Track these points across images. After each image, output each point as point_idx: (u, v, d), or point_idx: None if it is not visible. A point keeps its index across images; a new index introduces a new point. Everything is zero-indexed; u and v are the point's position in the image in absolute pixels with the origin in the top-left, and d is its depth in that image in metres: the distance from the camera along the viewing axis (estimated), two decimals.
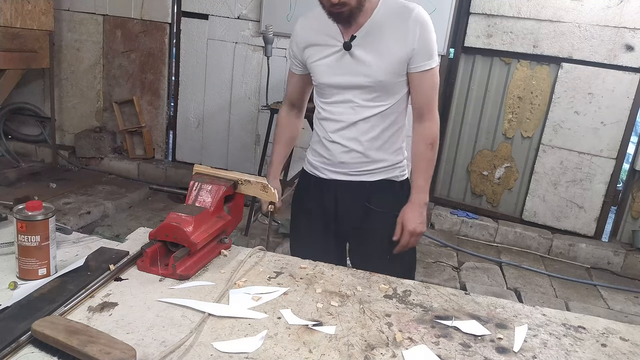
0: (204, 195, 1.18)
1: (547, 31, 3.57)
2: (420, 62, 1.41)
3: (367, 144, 1.49)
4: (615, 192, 3.72)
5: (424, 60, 1.41)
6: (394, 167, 1.55)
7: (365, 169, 1.52)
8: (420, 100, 1.47)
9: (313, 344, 0.88)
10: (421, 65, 1.41)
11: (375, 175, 1.53)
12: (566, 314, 1.09)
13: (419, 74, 1.43)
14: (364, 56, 1.41)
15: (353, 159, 1.51)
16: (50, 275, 1.02)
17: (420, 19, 1.39)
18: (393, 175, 1.56)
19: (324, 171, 1.57)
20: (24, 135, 4.59)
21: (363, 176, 1.53)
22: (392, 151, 1.54)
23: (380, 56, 1.40)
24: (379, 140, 1.50)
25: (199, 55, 4.24)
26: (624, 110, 3.52)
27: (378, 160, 1.52)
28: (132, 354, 0.76)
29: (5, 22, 3.62)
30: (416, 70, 1.42)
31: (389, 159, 1.53)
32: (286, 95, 1.68)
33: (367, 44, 1.41)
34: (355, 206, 1.55)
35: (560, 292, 3.14)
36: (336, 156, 1.53)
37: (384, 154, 1.52)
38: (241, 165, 4.25)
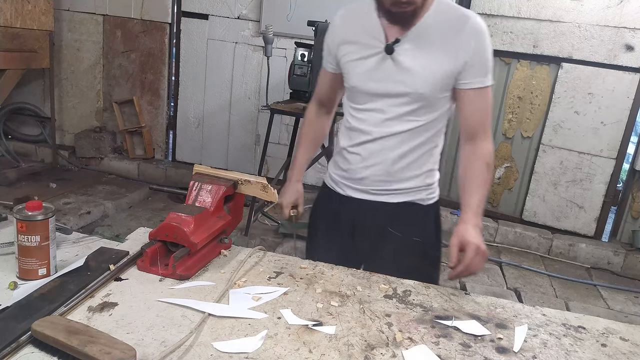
0: (204, 195, 1.18)
1: (547, 31, 3.57)
2: (474, 78, 1.24)
3: (393, 161, 1.33)
4: (615, 192, 3.72)
5: (478, 77, 1.24)
6: (420, 190, 1.38)
7: (388, 188, 1.36)
8: (472, 121, 1.29)
9: (313, 344, 0.88)
10: (474, 82, 1.25)
11: (398, 196, 1.37)
12: (566, 314, 1.09)
13: (471, 92, 1.26)
14: (407, 63, 1.25)
15: (375, 176, 1.36)
16: (50, 275, 1.02)
17: (477, 28, 1.22)
18: (418, 198, 1.38)
19: (343, 187, 1.42)
20: (24, 135, 4.59)
21: (384, 196, 1.37)
22: (421, 172, 1.37)
23: (426, 65, 1.24)
24: (407, 159, 1.33)
25: (199, 55, 4.24)
26: (624, 110, 3.52)
27: (403, 180, 1.35)
28: (132, 354, 0.76)
29: (5, 22, 3.62)
30: (468, 87, 1.25)
31: (416, 180, 1.36)
32: (315, 92, 1.54)
33: (412, 49, 1.24)
34: (373, 228, 1.40)
35: (560, 292, 3.14)
36: (357, 171, 1.37)
37: (411, 174, 1.35)
38: (241, 165, 4.25)
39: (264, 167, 3.89)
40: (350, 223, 1.43)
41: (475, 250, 1.15)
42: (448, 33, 1.23)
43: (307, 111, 1.56)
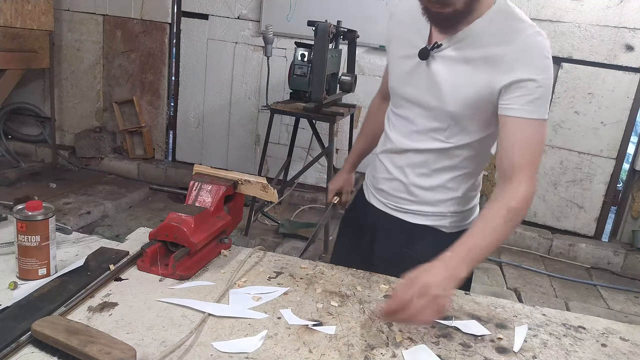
0: (204, 195, 1.18)
1: (547, 31, 3.53)
2: (520, 104, 1.04)
3: (414, 181, 1.22)
4: (615, 192, 3.72)
5: (525, 104, 1.03)
6: (445, 216, 1.24)
7: (407, 207, 1.26)
8: (509, 156, 1.06)
9: (313, 344, 0.88)
10: (520, 109, 1.04)
11: (417, 217, 1.25)
12: (566, 314, 1.09)
13: (513, 120, 1.05)
14: (440, 72, 1.12)
15: (394, 191, 1.27)
16: (50, 275, 1.02)
17: (531, 44, 1.03)
18: (440, 224, 1.25)
19: (369, 194, 1.36)
20: (24, 135, 4.59)
21: (403, 214, 1.27)
22: (448, 198, 1.22)
23: (459, 80, 1.09)
24: (431, 181, 1.21)
25: (199, 55, 4.24)
26: (624, 110, 3.52)
27: (425, 203, 1.23)
28: (132, 354, 0.76)
29: (5, 22, 3.62)
30: (510, 113, 1.05)
31: (441, 206, 1.23)
32: (381, 84, 1.45)
33: (450, 58, 1.10)
34: (390, 244, 1.29)
35: (560, 292, 3.14)
36: (379, 180, 1.30)
37: (436, 198, 1.22)
38: (241, 165, 4.25)
39: (264, 167, 3.89)
40: (371, 232, 1.35)
41: (420, 291, 0.88)
42: (496, 46, 1.05)
43: (371, 104, 1.53)
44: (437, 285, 0.90)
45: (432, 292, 0.88)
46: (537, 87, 1.03)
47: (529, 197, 1.05)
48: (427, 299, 0.88)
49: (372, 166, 1.38)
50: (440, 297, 0.89)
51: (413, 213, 1.26)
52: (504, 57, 1.04)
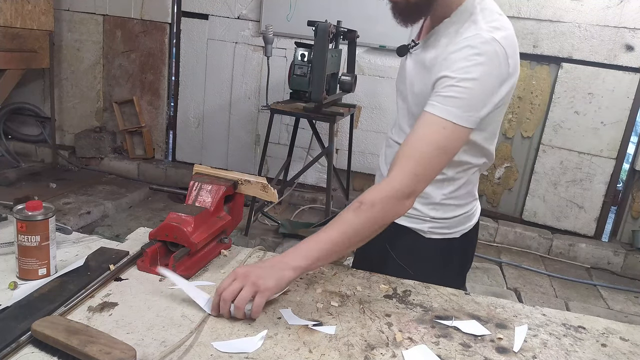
0: (204, 195, 1.18)
1: (547, 31, 3.57)
2: (433, 98, 1.01)
3: None
4: (615, 192, 3.72)
5: (437, 100, 1.00)
6: (423, 220, 1.21)
7: None
8: (402, 148, 1.02)
9: (313, 344, 0.88)
10: (430, 102, 1.01)
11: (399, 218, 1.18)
12: (566, 314, 1.09)
13: (422, 114, 1.02)
14: (410, 71, 1.13)
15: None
16: (50, 275, 1.02)
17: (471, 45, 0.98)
18: (418, 228, 1.22)
19: None
20: (24, 135, 4.59)
21: None
22: (424, 203, 1.19)
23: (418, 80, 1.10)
24: None
25: (199, 55, 4.24)
26: (624, 110, 3.52)
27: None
28: (132, 354, 0.76)
29: (5, 22, 3.62)
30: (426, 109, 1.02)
31: (420, 208, 1.20)
32: None
33: (417, 57, 1.12)
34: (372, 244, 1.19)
35: (560, 292, 3.14)
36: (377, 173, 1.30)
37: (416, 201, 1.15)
38: (241, 165, 4.25)
39: (264, 167, 3.89)
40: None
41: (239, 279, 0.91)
42: (445, 47, 1.04)
43: None
44: (256, 273, 0.92)
45: (250, 279, 0.91)
46: (450, 85, 0.99)
47: (393, 193, 0.99)
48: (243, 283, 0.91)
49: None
50: (260, 281, 0.91)
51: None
52: (440, 57, 1.03)
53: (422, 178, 1.00)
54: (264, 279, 0.92)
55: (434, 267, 1.24)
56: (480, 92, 0.99)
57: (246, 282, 0.91)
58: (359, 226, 0.98)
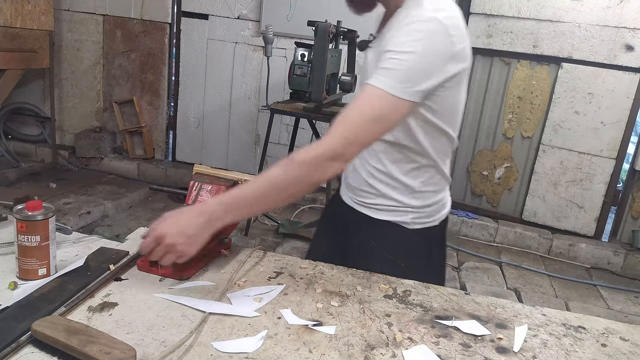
0: (204, 195, 1.18)
1: (547, 31, 3.57)
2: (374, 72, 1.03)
3: (374, 172, 1.22)
4: (615, 192, 3.72)
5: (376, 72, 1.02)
6: (404, 211, 1.22)
7: (369, 201, 1.24)
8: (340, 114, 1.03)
9: (313, 344, 0.88)
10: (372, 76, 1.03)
11: (379, 212, 1.24)
12: (566, 314, 1.09)
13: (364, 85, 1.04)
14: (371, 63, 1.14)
15: (358, 184, 1.26)
16: (50, 275, 1.02)
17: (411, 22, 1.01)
18: (401, 220, 1.23)
19: (342, 188, 1.35)
20: (24, 135, 4.59)
21: (366, 208, 1.25)
22: (407, 192, 1.21)
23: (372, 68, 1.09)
24: (387, 175, 1.20)
25: (199, 55, 4.24)
26: (624, 110, 3.52)
27: (383, 196, 1.22)
28: (132, 354, 0.76)
29: (5, 22, 3.62)
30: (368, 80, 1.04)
31: (399, 199, 1.21)
32: None
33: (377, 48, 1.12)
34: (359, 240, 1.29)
35: (560, 292, 3.14)
36: (348, 172, 1.29)
37: (393, 191, 1.21)
38: (241, 165, 4.25)
39: (264, 167, 3.89)
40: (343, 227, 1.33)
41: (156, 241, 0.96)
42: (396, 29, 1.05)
43: None
44: (172, 235, 0.96)
45: (166, 241, 0.96)
46: (389, 58, 1.01)
47: (322, 152, 0.99)
48: (163, 247, 0.96)
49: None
50: (178, 245, 0.96)
51: (375, 208, 1.24)
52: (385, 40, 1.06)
53: (353, 142, 1.00)
54: (186, 246, 0.97)
55: (420, 257, 1.26)
56: (419, 66, 1.01)
57: (169, 250, 0.96)
58: (286, 182, 0.99)
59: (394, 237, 1.24)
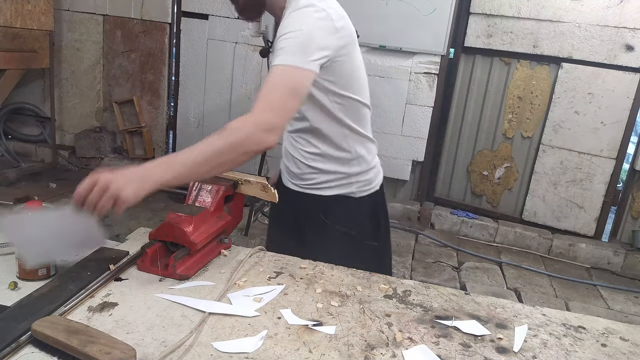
0: (204, 195, 1.18)
1: (547, 31, 3.57)
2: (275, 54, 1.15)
3: (311, 157, 1.35)
4: (615, 192, 3.72)
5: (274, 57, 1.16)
6: (348, 181, 1.36)
7: (316, 181, 1.37)
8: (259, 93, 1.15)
9: (313, 344, 0.88)
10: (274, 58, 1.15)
11: (327, 189, 1.37)
12: (566, 314, 1.09)
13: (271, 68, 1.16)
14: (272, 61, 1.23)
15: (300, 170, 1.38)
16: (50, 275, 1.02)
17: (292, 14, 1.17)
18: (349, 191, 1.37)
19: (285, 179, 1.46)
20: (24, 135, 4.59)
21: (316, 190, 1.38)
22: (342, 162, 1.35)
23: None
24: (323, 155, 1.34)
25: (199, 55, 4.24)
26: (624, 110, 3.52)
27: (328, 172, 1.35)
28: (132, 354, 0.76)
29: (5, 22, 3.62)
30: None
31: (339, 170, 1.35)
32: None
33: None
34: (311, 220, 1.41)
35: (560, 292, 3.14)
36: (286, 166, 1.43)
37: (334, 165, 1.35)
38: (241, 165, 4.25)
39: (264, 167, 3.89)
40: (293, 215, 1.44)
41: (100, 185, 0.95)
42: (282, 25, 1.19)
43: None
44: (108, 176, 0.95)
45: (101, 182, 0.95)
46: (281, 40, 1.14)
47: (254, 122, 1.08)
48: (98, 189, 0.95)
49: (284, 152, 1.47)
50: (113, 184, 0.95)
51: (322, 187, 1.36)
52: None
53: (278, 113, 1.11)
54: (124, 191, 0.95)
55: (369, 222, 1.41)
56: (308, 40, 1.15)
57: (106, 193, 0.94)
58: (222, 148, 1.05)
59: (343, 209, 1.37)
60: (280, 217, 1.53)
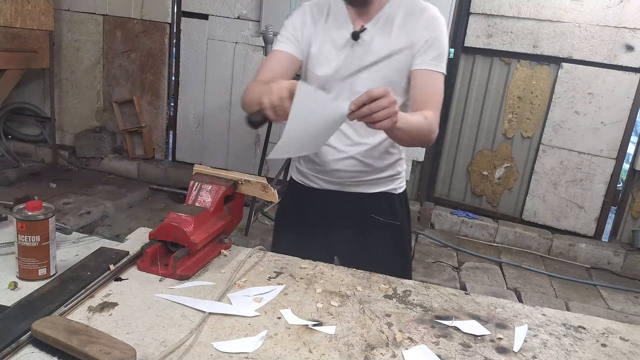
0: (204, 195, 1.18)
1: (547, 31, 3.57)
2: (425, 61, 1.29)
3: (367, 151, 1.36)
4: (615, 192, 3.72)
5: (430, 60, 1.29)
6: (393, 179, 1.43)
7: (363, 179, 1.39)
8: (418, 98, 1.30)
9: (313, 344, 0.88)
10: (425, 64, 1.29)
11: (373, 187, 1.41)
12: (566, 314, 1.09)
13: (421, 72, 1.29)
14: (373, 48, 1.31)
15: (349, 167, 1.38)
16: (50, 275, 1.02)
17: (434, 17, 1.31)
18: (391, 188, 1.44)
19: (315, 180, 1.44)
20: (24, 135, 4.59)
21: (360, 187, 1.41)
22: (393, 162, 1.41)
23: (389, 50, 1.30)
24: (380, 148, 1.37)
25: (199, 55, 4.24)
26: (624, 110, 3.52)
27: (378, 170, 1.39)
28: (132, 354, 0.76)
29: (5, 22, 3.62)
30: (419, 67, 1.29)
31: (389, 169, 1.41)
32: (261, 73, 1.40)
33: (376, 35, 1.31)
34: (350, 219, 1.43)
35: (560, 292, 3.14)
36: (329, 163, 1.39)
37: (384, 164, 1.39)
38: (241, 165, 4.25)
39: (264, 167, 3.89)
40: (323, 216, 1.44)
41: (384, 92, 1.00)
42: (407, 20, 1.31)
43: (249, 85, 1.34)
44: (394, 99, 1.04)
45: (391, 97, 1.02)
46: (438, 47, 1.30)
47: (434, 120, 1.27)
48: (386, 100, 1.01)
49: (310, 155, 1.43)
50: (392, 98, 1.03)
51: (368, 184, 1.41)
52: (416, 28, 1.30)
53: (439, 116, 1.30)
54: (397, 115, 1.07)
55: (407, 216, 1.50)
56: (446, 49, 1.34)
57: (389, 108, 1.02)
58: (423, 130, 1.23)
59: (387, 204, 1.43)
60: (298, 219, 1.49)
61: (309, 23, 1.40)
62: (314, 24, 1.39)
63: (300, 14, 1.44)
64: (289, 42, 1.41)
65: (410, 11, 1.32)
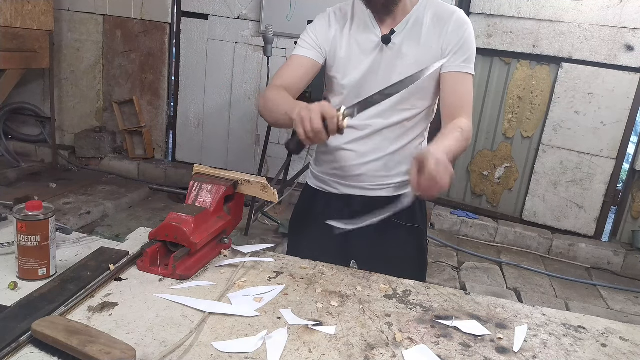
0: (204, 195, 1.18)
1: (547, 31, 3.57)
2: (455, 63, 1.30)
3: (390, 155, 1.37)
4: (615, 192, 3.72)
5: (459, 63, 1.30)
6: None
7: (385, 182, 1.39)
8: (451, 102, 1.32)
9: (313, 344, 0.88)
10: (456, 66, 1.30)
11: (394, 189, 1.40)
12: (566, 314, 1.09)
13: (452, 75, 1.31)
14: (402, 51, 1.31)
15: (372, 172, 1.38)
16: (50, 275, 1.02)
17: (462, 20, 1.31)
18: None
19: (335, 185, 1.43)
20: (24, 135, 4.59)
21: (381, 190, 1.40)
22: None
23: (417, 53, 1.30)
24: (404, 152, 1.37)
25: (199, 55, 4.24)
26: (624, 110, 3.52)
27: (400, 174, 1.38)
28: (132, 354, 0.76)
29: (5, 22, 3.62)
30: (450, 70, 1.30)
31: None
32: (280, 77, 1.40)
33: (405, 39, 1.31)
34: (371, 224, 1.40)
35: (560, 292, 3.14)
36: (352, 168, 1.38)
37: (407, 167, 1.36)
38: (241, 165, 4.25)
39: (264, 167, 3.89)
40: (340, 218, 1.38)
41: (436, 161, 1.03)
42: (436, 24, 1.31)
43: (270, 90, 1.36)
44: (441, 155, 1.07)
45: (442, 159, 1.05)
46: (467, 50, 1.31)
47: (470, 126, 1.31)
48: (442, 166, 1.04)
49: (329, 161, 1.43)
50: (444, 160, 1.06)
51: (390, 187, 1.40)
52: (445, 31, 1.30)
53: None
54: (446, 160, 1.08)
55: (425, 218, 1.50)
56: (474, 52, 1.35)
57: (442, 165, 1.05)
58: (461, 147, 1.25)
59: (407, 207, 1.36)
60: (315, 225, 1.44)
61: (333, 28, 1.38)
62: (339, 28, 1.37)
63: (323, 19, 1.40)
64: (311, 48, 1.39)
65: (439, 14, 1.32)
